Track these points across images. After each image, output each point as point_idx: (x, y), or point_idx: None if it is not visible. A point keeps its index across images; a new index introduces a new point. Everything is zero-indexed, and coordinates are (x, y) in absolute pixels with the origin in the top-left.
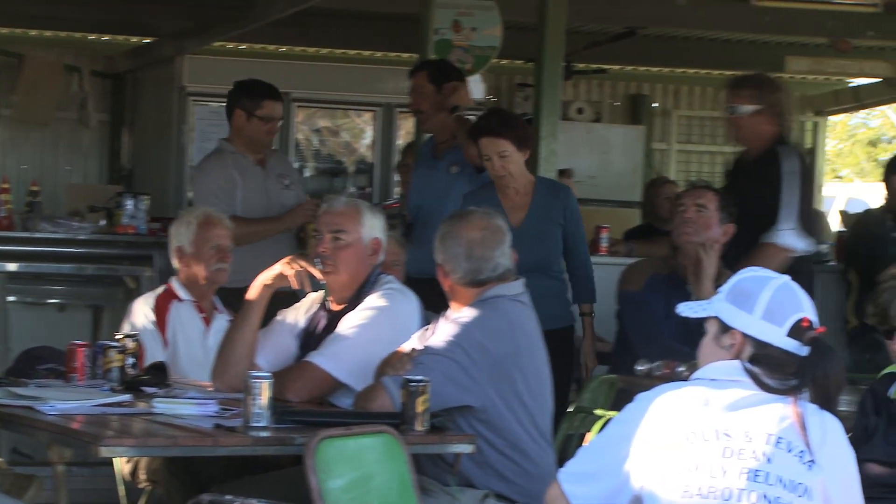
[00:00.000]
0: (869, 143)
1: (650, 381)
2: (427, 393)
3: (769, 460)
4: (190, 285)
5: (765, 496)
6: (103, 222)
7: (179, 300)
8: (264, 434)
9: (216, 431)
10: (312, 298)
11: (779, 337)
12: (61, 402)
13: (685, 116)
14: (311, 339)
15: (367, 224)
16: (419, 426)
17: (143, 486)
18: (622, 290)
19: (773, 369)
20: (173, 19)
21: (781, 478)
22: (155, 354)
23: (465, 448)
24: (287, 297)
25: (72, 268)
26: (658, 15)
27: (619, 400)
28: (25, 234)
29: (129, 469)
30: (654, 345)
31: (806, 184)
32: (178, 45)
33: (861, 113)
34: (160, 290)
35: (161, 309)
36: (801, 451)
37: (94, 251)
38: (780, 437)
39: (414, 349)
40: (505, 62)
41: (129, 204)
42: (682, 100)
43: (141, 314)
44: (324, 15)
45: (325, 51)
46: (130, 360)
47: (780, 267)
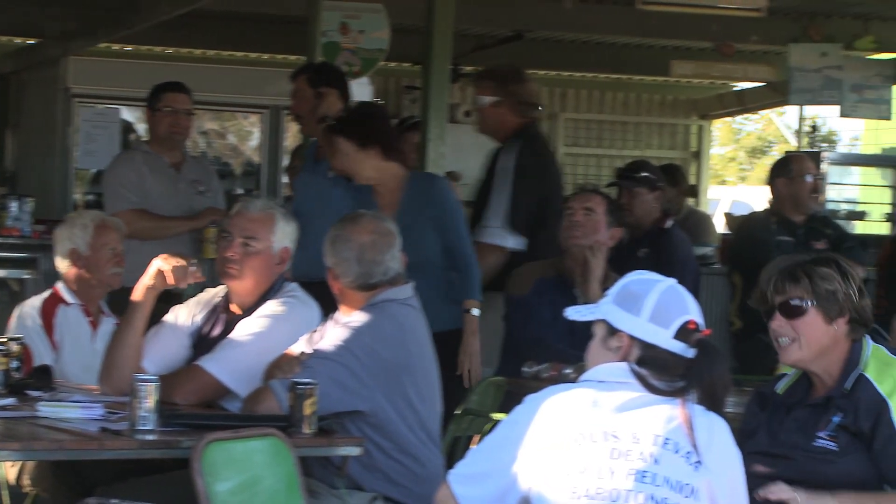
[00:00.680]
0: (753, 147)
1: (537, 384)
2: (315, 396)
3: (656, 461)
4: (79, 289)
5: (652, 497)
6: None
7: (66, 304)
8: (150, 437)
9: (102, 434)
10: (210, 295)
11: (665, 339)
12: None
13: (572, 119)
14: (206, 341)
15: (279, 232)
16: (307, 429)
17: (27, 490)
18: (509, 293)
19: (660, 371)
20: (58, 20)
21: (668, 478)
22: (42, 358)
23: (353, 451)
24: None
25: None
26: (545, 18)
27: (507, 402)
28: None
29: (13, 474)
30: (540, 347)
31: (522, 180)
32: (63, 47)
33: (744, 116)
34: (46, 293)
35: (48, 312)
36: (688, 453)
37: None
38: (667, 439)
39: (303, 352)
40: (393, 65)
41: (14, 206)
42: (569, 103)
43: (27, 317)
44: (211, 17)
45: (211, 52)
46: (15, 364)
47: (495, 264)
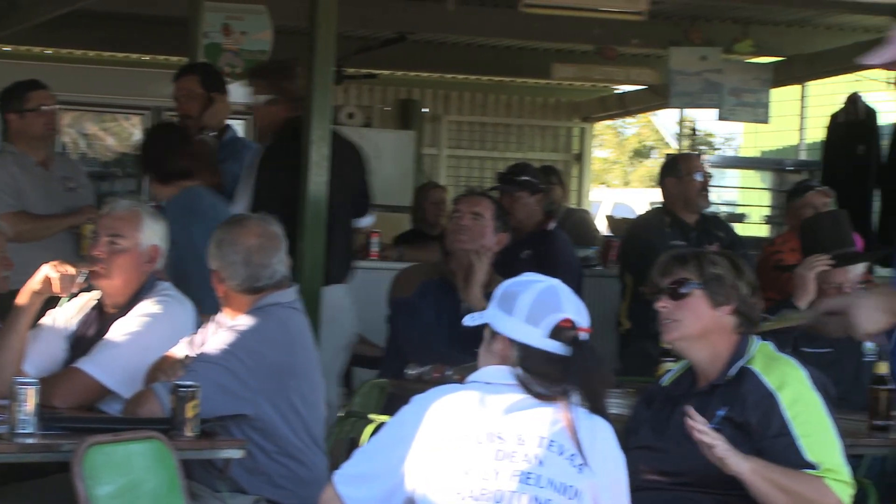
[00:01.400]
0: (634, 149)
1: (420, 386)
2: (197, 398)
3: (541, 463)
4: None
5: (536, 498)
6: None
7: None
8: (30, 441)
9: None
10: (87, 298)
11: (539, 338)
12: None
13: (455, 122)
14: (82, 343)
15: (146, 230)
16: (189, 431)
17: None
18: (393, 295)
19: (538, 372)
20: None
21: (552, 480)
22: None
23: (235, 453)
24: None
25: None
26: (428, 20)
27: (390, 404)
28: None
29: None
30: (424, 349)
31: (267, 174)
32: None
33: (625, 119)
34: None
35: None
36: (572, 455)
37: None
38: (552, 441)
39: (187, 356)
40: None
41: None
42: (452, 105)
43: None
44: (91, 17)
45: (92, 53)
46: None
47: None
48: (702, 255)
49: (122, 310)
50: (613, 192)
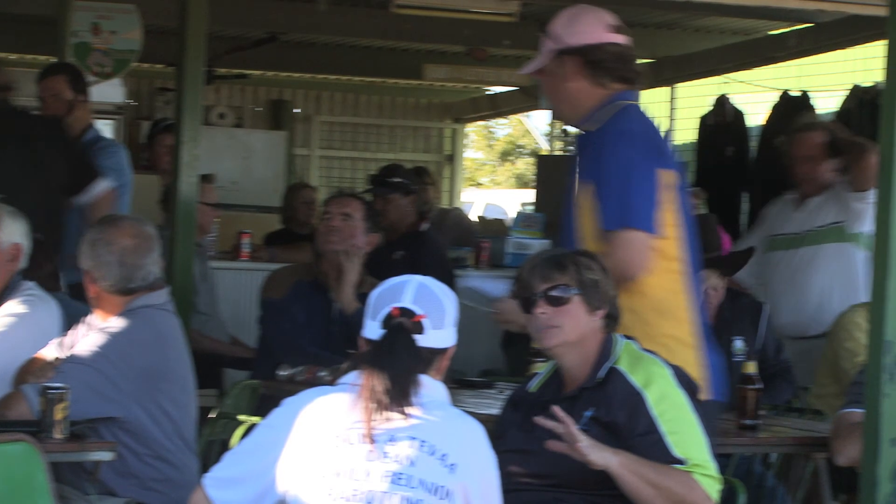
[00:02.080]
0: (505, 150)
1: (292, 387)
2: (66, 400)
3: (412, 463)
4: None
5: (407, 499)
6: None
7: None
8: None
9: None
10: None
11: (376, 331)
12: None
13: (326, 122)
14: None
15: (6, 229)
16: (58, 434)
17: None
18: (264, 296)
19: None
20: None
21: (423, 481)
22: None
23: (105, 456)
24: None
25: None
26: (299, 20)
27: (262, 405)
28: None
29: None
30: (295, 350)
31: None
32: None
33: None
34: None
35: None
36: (444, 455)
37: None
38: (423, 441)
39: (57, 357)
40: (146, 66)
41: None
42: (324, 105)
43: None
44: None
45: None
46: None
47: None
48: (578, 259)
49: None
50: (485, 193)
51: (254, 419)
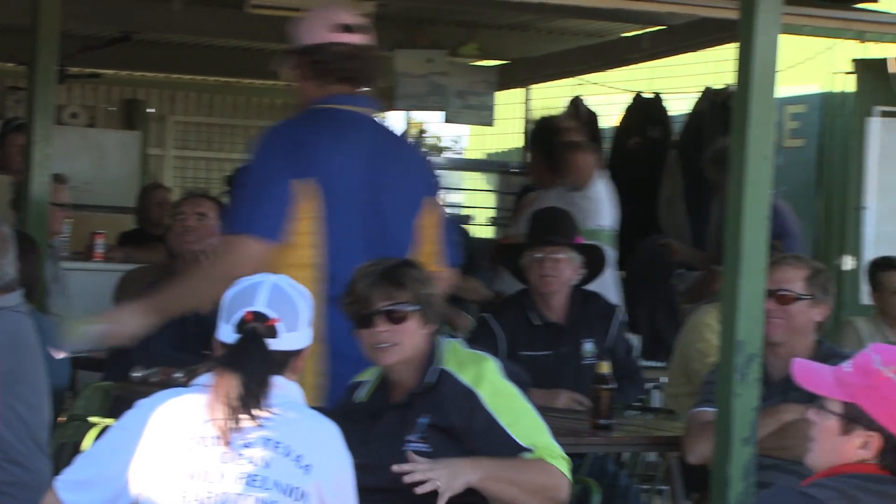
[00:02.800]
0: None
1: (146, 388)
2: None
3: (267, 465)
4: None
5: (262, 501)
6: None
7: None
8: None
9: None
10: None
11: (229, 334)
12: None
13: (181, 122)
14: None
15: None
16: None
17: None
18: (118, 297)
19: None
20: None
21: (278, 482)
22: None
23: None
24: None
25: None
26: (153, 20)
27: (115, 407)
28: None
29: None
30: (149, 352)
31: None
32: None
33: None
34: None
35: None
36: (298, 456)
37: None
38: (277, 442)
39: None
40: None
41: None
42: (178, 105)
43: None
44: None
45: None
46: None
47: None
48: (414, 275)
49: None
50: None
51: (106, 421)
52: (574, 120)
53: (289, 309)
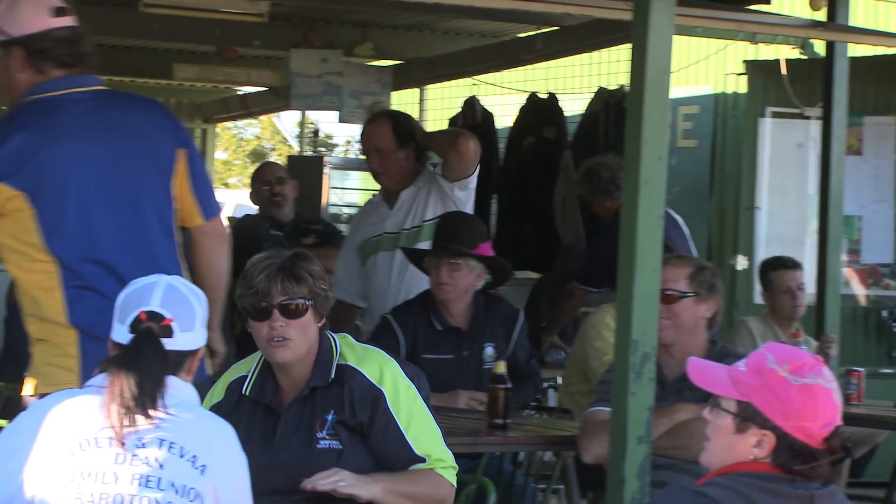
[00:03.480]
0: (256, 151)
1: None
2: None
3: (161, 466)
4: None
5: (156, 501)
6: None
7: None
8: None
9: None
10: None
11: (124, 334)
12: None
13: None
14: None
15: None
16: None
17: None
18: (9, 297)
19: None
20: None
21: (173, 483)
22: None
23: None
24: None
25: None
26: None
27: (8, 408)
28: None
29: None
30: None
31: None
32: None
33: (246, 122)
34: None
35: None
36: (194, 457)
37: None
38: (172, 443)
39: None
40: None
41: None
42: None
43: None
44: None
45: None
46: None
47: None
48: (311, 270)
49: None
50: (235, 194)
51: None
52: (470, 120)
53: (183, 308)
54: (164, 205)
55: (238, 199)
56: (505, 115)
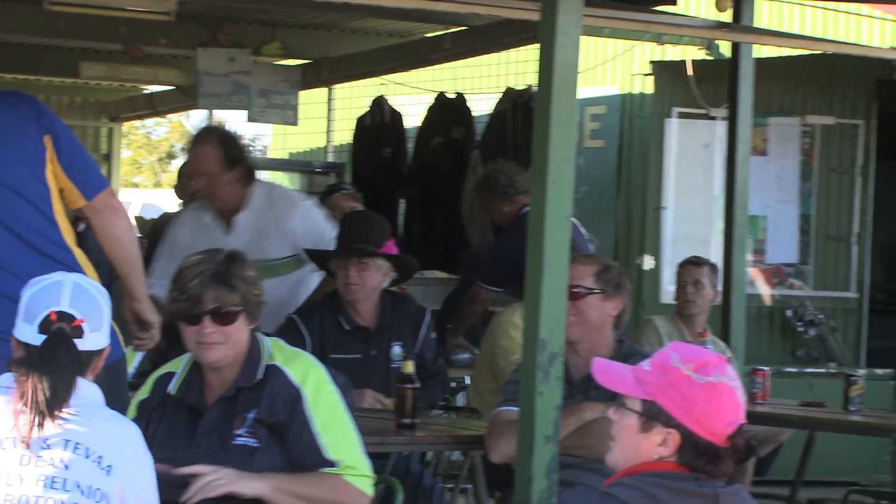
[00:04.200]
0: (163, 150)
1: None
2: None
3: (67, 467)
4: None
5: (62, 503)
6: None
7: None
8: None
9: None
10: None
11: (32, 335)
12: None
13: None
14: None
15: None
16: None
17: None
18: None
19: None
20: None
21: (79, 484)
22: None
23: None
24: None
25: None
26: None
27: None
28: None
29: None
30: None
31: None
32: None
33: (154, 121)
34: None
35: None
36: (99, 457)
37: None
38: (77, 444)
39: None
40: None
41: None
42: None
43: None
44: None
45: None
46: None
47: None
48: (245, 276)
49: None
50: (142, 193)
51: None
52: (378, 119)
53: (92, 308)
54: (40, 195)
55: (145, 199)
56: (413, 115)
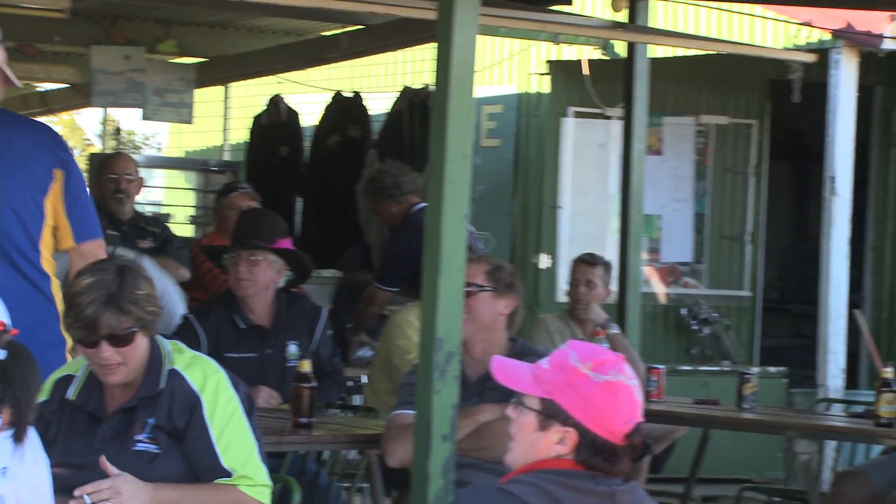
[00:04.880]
0: None
1: None
2: None
3: None
4: None
5: None
6: None
7: None
8: None
9: None
10: None
11: None
12: None
13: None
14: None
15: None
16: None
17: None
18: None
19: None
20: None
21: None
22: None
23: None
24: None
25: None
26: None
27: None
28: None
29: None
30: None
31: None
32: None
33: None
34: None
35: None
36: None
37: None
38: None
39: None
40: None
41: None
42: None
43: None
44: None
45: None
46: None
47: None
48: (137, 298)
49: None
50: None
51: None
52: (275, 118)
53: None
54: (35, 220)
55: None
56: (310, 114)
